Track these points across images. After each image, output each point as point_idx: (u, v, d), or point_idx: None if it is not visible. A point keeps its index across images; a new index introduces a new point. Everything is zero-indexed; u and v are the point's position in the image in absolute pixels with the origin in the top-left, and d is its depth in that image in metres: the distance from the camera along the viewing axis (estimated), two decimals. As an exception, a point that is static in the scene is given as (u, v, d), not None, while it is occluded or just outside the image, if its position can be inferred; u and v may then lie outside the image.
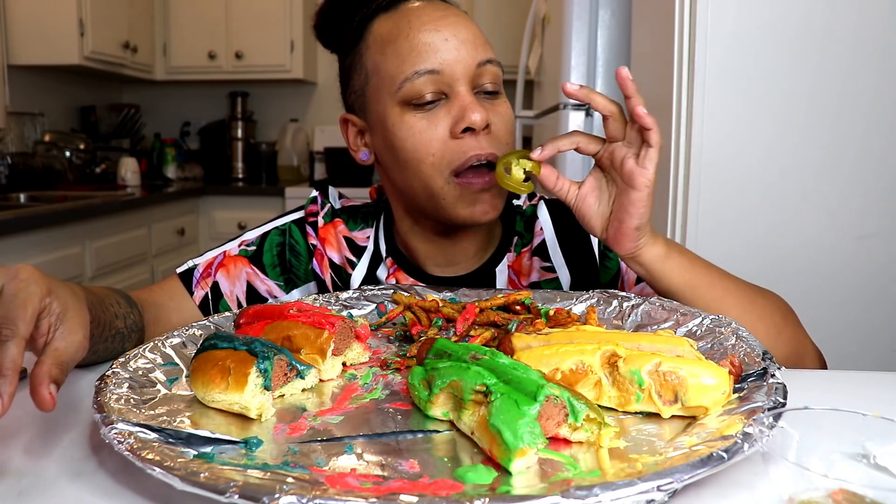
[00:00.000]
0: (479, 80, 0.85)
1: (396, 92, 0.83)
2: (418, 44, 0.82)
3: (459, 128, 0.82)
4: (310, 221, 0.99)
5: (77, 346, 0.58)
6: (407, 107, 0.84)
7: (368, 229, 1.00)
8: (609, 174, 0.77)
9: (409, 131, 0.83)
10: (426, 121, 0.83)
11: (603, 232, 0.78)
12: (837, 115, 1.48)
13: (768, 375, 0.59)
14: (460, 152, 0.83)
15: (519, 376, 0.54)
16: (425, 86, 0.82)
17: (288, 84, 4.26)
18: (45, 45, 3.16)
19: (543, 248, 0.95)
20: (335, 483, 0.46)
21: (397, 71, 0.83)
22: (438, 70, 0.82)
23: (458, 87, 0.83)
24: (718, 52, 1.50)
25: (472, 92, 0.84)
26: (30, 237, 2.38)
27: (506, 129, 0.86)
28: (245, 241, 1.00)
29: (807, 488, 0.42)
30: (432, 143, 0.83)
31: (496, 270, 0.95)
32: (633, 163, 0.74)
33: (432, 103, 0.83)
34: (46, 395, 0.52)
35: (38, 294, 0.56)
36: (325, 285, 0.98)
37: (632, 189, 0.74)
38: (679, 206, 1.57)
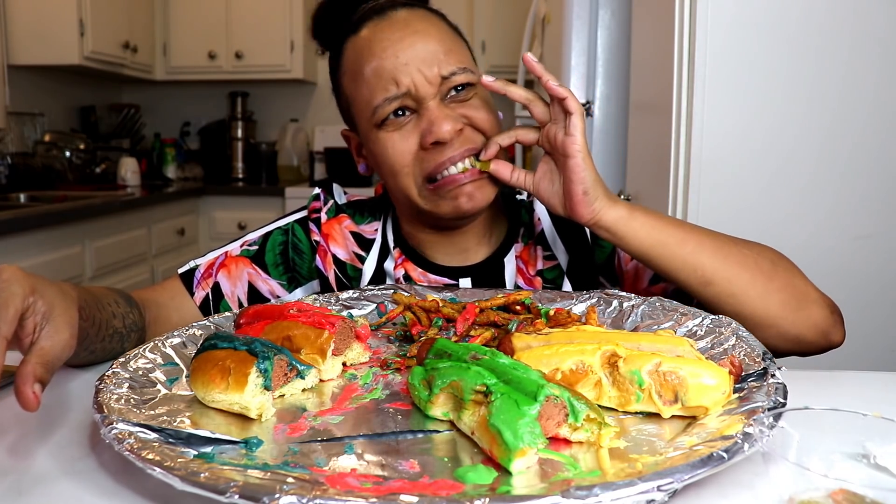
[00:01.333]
0: (448, 87, 0.87)
1: (371, 117, 0.87)
2: (381, 72, 0.85)
3: (428, 141, 0.85)
4: (312, 218, 1.00)
5: (63, 344, 0.58)
6: (381, 126, 0.87)
7: (376, 222, 1.00)
8: (553, 155, 0.83)
9: (384, 147, 0.87)
10: (398, 135, 0.87)
11: (563, 209, 0.82)
12: (836, 115, 1.48)
13: (768, 375, 0.59)
14: (432, 160, 0.86)
15: (519, 376, 0.54)
16: (394, 107, 0.86)
17: (288, 84, 4.26)
18: (45, 45, 3.16)
19: (543, 236, 0.96)
20: (335, 483, 0.46)
21: (368, 99, 0.87)
22: (404, 93, 0.85)
23: (426, 102, 0.85)
24: (718, 52, 1.50)
25: (441, 102, 0.86)
26: (30, 237, 2.38)
27: (484, 120, 0.87)
28: (247, 242, 1.00)
29: (807, 488, 0.42)
30: (405, 155, 0.87)
31: (504, 260, 0.96)
32: (562, 135, 0.79)
33: (403, 118, 0.87)
34: (30, 395, 0.52)
35: (20, 294, 0.56)
36: (328, 282, 0.98)
37: (567, 157, 0.79)
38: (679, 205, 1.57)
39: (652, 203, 1.75)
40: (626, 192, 2.05)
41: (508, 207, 1.00)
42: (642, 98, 1.94)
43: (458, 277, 0.95)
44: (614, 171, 2.29)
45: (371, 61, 0.86)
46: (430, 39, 0.87)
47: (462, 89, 0.87)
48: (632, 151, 2.05)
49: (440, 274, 0.95)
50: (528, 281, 0.95)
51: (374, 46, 0.86)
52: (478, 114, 0.87)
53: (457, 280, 0.95)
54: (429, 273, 0.96)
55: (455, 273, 0.95)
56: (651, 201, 1.77)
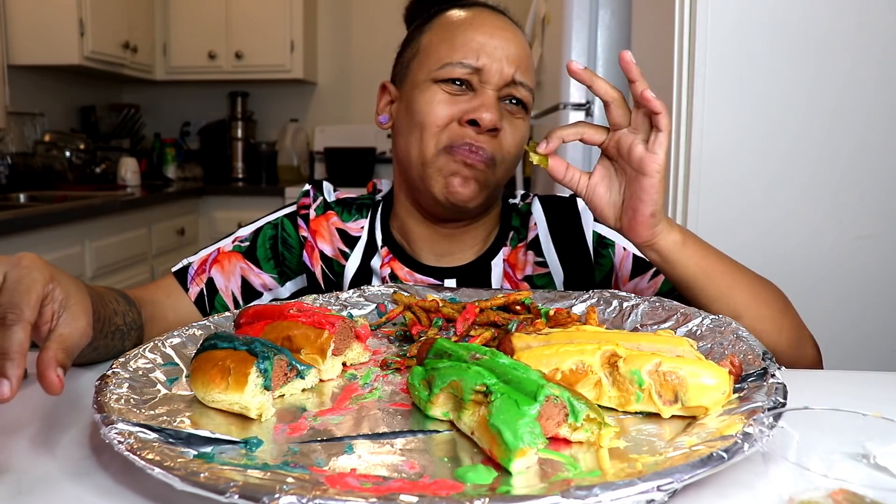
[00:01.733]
0: (509, 92, 0.91)
1: (436, 70, 0.90)
2: (471, 41, 0.90)
3: (468, 117, 0.88)
4: (301, 214, 1.01)
5: (81, 331, 0.59)
6: (437, 83, 0.90)
7: (363, 220, 1.01)
8: (617, 163, 0.77)
9: (430, 100, 0.90)
10: (448, 99, 0.90)
11: (616, 221, 0.77)
12: (837, 115, 1.48)
13: (768, 375, 0.59)
14: (458, 136, 0.88)
15: (519, 376, 0.54)
16: (462, 74, 0.89)
17: (288, 84, 4.26)
18: (45, 45, 3.16)
19: (537, 242, 0.96)
20: (335, 483, 0.46)
21: (445, 55, 0.90)
22: (478, 68, 0.89)
23: (487, 87, 0.89)
24: (718, 52, 1.50)
25: (497, 97, 0.90)
26: (30, 237, 2.38)
27: (514, 141, 0.91)
28: (239, 238, 1.02)
29: (807, 488, 0.42)
30: (442, 117, 0.89)
31: (491, 263, 0.96)
32: (642, 149, 0.73)
33: (461, 88, 0.90)
34: (55, 378, 0.53)
35: (41, 280, 0.57)
36: (314, 278, 0.99)
37: (643, 175, 0.73)
38: (679, 205, 1.57)
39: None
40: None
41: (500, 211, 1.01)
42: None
43: (443, 278, 0.96)
44: (614, 171, 2.29)
45: (468, 29, 0.91)
46: (522, 48, 0.94)
47: (517, 104, 0.92)
48: (632, 151, 2.05)
49: (426, 274, 0.96)
50: (514, 285, 0.95)
51: (476, 20, 0.92)
52: (513, 132, 0.91)
53: (442, 280, 0.95)
54: (415, 273, 0.96)
55: (441, 273, 0.96)
56: (651, 201, 1.77)
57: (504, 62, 0.90)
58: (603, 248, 0.95)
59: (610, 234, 0.96)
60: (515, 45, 0.92)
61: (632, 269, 0.94)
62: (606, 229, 0.97)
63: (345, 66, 4.26)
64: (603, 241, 0.96)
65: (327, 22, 4.26)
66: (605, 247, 0.95)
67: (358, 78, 4.25)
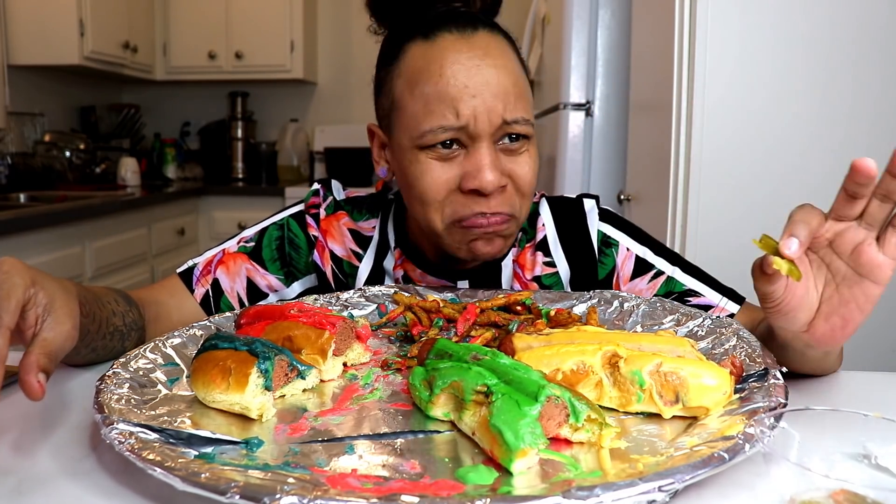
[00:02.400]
0: (505, 132, 0.82)
1: (417, 138, 0.82)
2: (445, 97, 0.80)
3: (468, 185, 0.81)
4: (311, 213, 1.00)
5: (65, 335, 0.58)
6: (424, 150, 0.82)
7: (374, 219, 1.00)
8: (824, 258, 0.61)
9: (422, 173, 0.82)
10: (440, 166, 0.82)
11: (805, 326, 0.61)
12: (837, 114, 1.48)
13: (769, 376, 0.59)
14: (465, 208, 0.82)
15: (520, 377, 0.54)
16: (446, 136, 0.81)
17: (288, 84, 4.26)
18: (45, 45, 3.16)
19: (545, 243, 0.96)
20: (336, 483, 0.46)
21: (421, 118, 0.81)
22: (462, 126, 0.80)
23: (479, 142, 0.81)
24: (718, 52, 1.50)
25: (493, 147, 0.82)
26: (30, 237, 2.38)
27: (526, 179, 0.84)
28: (244, 238, 1.01)
29: (808, 489, 0.42)
30: (440, 190, 0.82)
31: (501, 264, 0.96)
32: (874, 251, 0.58)
33: (451, 150, 0.82)
34: (35, 384, 0.52)
35: (21, 285, 0.56)
36: (325, 277, 0.99)
37: (869, 282, 0.59)
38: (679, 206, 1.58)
39: (652, 203, 1.75)
40: (626, 192, 2.05)
41: None
42: (642, 98, 1.94)
43: (456, 280, 0.95)
44: (614, 171, 2.30)
45: (438, 81, 0.80)
46: (507, 77, 0.81)
47: (516, 139, 0.83)
48: (632, 151, 2.05)
49: (439, 275, 0.95)
50: (523, 285, 0.95)
51: (444, 65, 0.80)
52: (524, 173, 0.83)
53: (454, 282, 0.95)
54: (428, 275, 0.96)
55: (454, 275, 0.96)
56: (651, 201, 1.77)
57: (489, 104, 0.79)
58: (607, 248, 0.95)
59: (615, 233, 0.96)
60: (496, 74, 0.80)
61: (633, 270, 0.94)
62: (612, 229, 0.96)
63: (345, 66, 4.26)
64: (607, 240, 0.96)
65: (327, 22, 4.26)
66: (608, 246, 0.95)
67: (358, 78, 4.25)
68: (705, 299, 0.90)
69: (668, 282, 0.92)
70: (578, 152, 2.31)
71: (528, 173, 0.84)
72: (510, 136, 0.82)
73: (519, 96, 0.82)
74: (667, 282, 0.92)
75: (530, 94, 0.86)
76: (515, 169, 0.83)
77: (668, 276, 0.92)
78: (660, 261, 0.94)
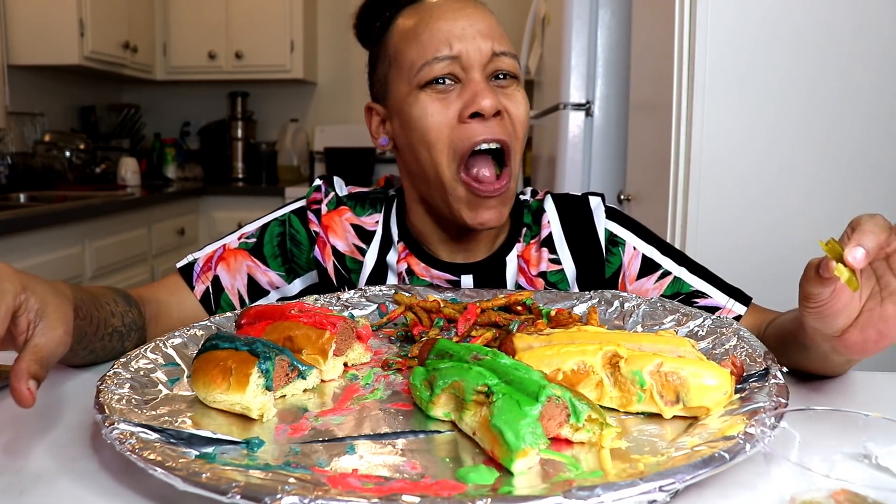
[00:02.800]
0: (495, 68, 0.87)
1: (415, 76, 0.87)
2: (437, 32, 0.86)
3: (468, 111, 0.85)
4: (313, 209, 1.00)
5: (57, 341, 0.58)
6: (423, 89, 0.87)
7: (377, 214, 1.00)
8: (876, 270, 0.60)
9: (423, 111, 0.86)
10: (439, 102, 0.86)
11: (839, 332, 0.61)
12: (837, 115, 1.48)
13: (770, 376, 0.59)
14: (466, 138, 0.85)
15: (520, 377, 0.54)
16: (442, 69, 0.86)
17: (288, 84, 4.26)
18: (45, 45, 3.16)
19: (550, 240, 0.96)
20: (337, 483, 0.46)
21: (417, 57, 0.87)
22: (455, 56, 0.86)
23: (472, 73, 0.86)
24: (718, 52, 1.50)
25: (486, 79, 0.87)
26: (30, 237, 2.38)
27: (519, 116, 0.88)
28: (245, 234, 1.00)
29: (808, 489, 0.42)
30: (442, 126, 0.86)
31: (506, 259, 0.96)
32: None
33: (447, 85, 0.86)
34: (25, 391, 0.52)
35: (11, 291, 0.56)
36: (326, 274, 0.98)
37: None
38: (679, 206, 1.58)
39: (652, 203, 1.75)
40: (626, 192, 2.05)
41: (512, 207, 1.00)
42: (642, 98, 1.94)
43: (460, 274, 0.95)
44: (614, 171, 2.30)
45: (428, 21, 0.87)
46: (488, 17, 0.89)
47: (505, 77, 0.88)
48: (632, 151, 2.05)
49: (443, 269, 0.95)
50: (529, 281, 0.95)
51: (433, 11, 0.88)
52: (515, 107, 0.88)
53: (459, 276, 0.95)
54: (432, 268, 0.95)
55: (458, 269, 0.95)
56: (651, 201, 1.78)
57: (478, 39, 0.86)
58: (614, 246, 0.95)
59: (622, 232, 0.96)
60: (482, 18, 0.89)
61: (640, 269, 0.94)
62: (619, 227, 0.96)
63: (345, 66, 4.26)
64: (614, 238, 0.96)
65: (327, 22, 4.26)
66: (615, 245, 0.95)
67: (358, 78, 4.24)
68: (712, 301, 0.90)
69: (675, 282, 0.92)
70: (578, 152, 2.31)
71: (520, 110, 0.89)
72: (500, 74, 0.88)
73: (504, 35, 0.89)
74: (673, 282, 0.92)
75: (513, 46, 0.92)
76: (509, 104, 0.87)
77: (674, 277, 0.92)
78: (666, 260, 0.94)
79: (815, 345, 0.65)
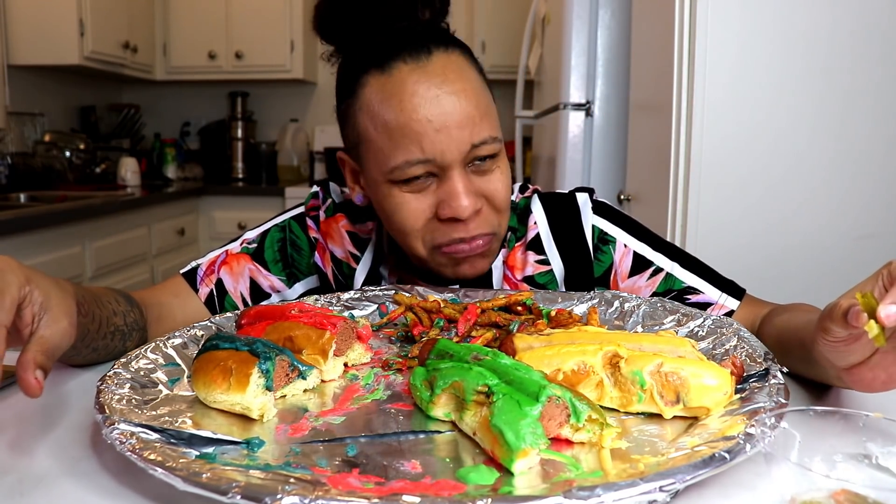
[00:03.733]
0: (473, 157, 0.82)
1: (388, 173, 0.82)
2: (410, 133, 0.79)
3: (445, 214, 0.82)
4: (311, 216, 1.01)
5: (62, 333, 0.58)
6: (396, 184, 0.83)
7: (372, 221, 1.00)
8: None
9: (397, 206, 0.84)
10: (414, 199, 0.83)
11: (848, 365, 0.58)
12: (837, 115, 1.48)
13: (770, 376, 0.59)
14: (444, 235, 0.84)
15: (521, 377, 0.54)
16: (416, 171, 0.81)
17: (288, 84, 4.26)
18: (45, 45, 3.16)
19: (537, 241, 0.95)
20: (337, 483, 0.46)
21: (388, 153, 0.81)
22: (430, 159, 0.80)
23: (450, 171, 0.81)
24: (718, 52, 1.50)
25: (464, 171, 0.82)
26: (30, 237, 2.38)
27: (499, 199, 0.85)
28: (246, 240, 1.02)
29: (809, 489, 0.42)
30: (418, 219, 0.84)
31: (492, 267, 0.95)
32: None
33: (422, 182, 0.83)
34: (32, 381, 0.53)
35: (15, 283, 0.56)
36: (326, 278, 0.99)
37: None
38: (679, 205, 1.58)
39: (652, 203, 1.75)
40: (626, 192, 2.05)
41: None
42: (642, 98, 1.94)
43: (447, 285, 0.95)
44: (614, 171, 2.30)
45: (399, 116, 0.79)
46: (467, 101, 0.81)
47: (486, 159, 0.83)
48: (632, 151, 2.05)
49: (431, 282, 0.95)
50: (513, 286, 0.94)
51: (404, 99, 0.79)
52: (498, 191, 0.84)
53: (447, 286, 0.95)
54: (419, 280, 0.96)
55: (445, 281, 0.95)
56: (651, 201, 1.78)
57: (454, 134, 0.79)
58: (604, 245, 0.95)
59: (612, 229, 0.95)
60: (456, 101, 0.80)
61: (631, 267, 0.93)
62: (609, 224, 0.95)
63: (345, 66, 4.26)
64: (604, 236, 0.95)
65: (327, 22, 4.26)
66: (606, 243, 0.95)
67: (358, 78, 4.25)
68: (704, 296, 0.90)
69: (668, 279, 0.92)
70: (578, 152, 2.30)
71: (501, 190, 0.85)
72: (479, 158, 0.83)
73: (483, 116, 0.82)
74: (666, 279, 0.92)
75: (493, 108, 0.86)
76: (488, 188, 0.84)
77: (667, 273, 0.92)
78: (658, 256, 0.93)
79: (821, 367, 0.64)
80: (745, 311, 0.88)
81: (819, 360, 0.62)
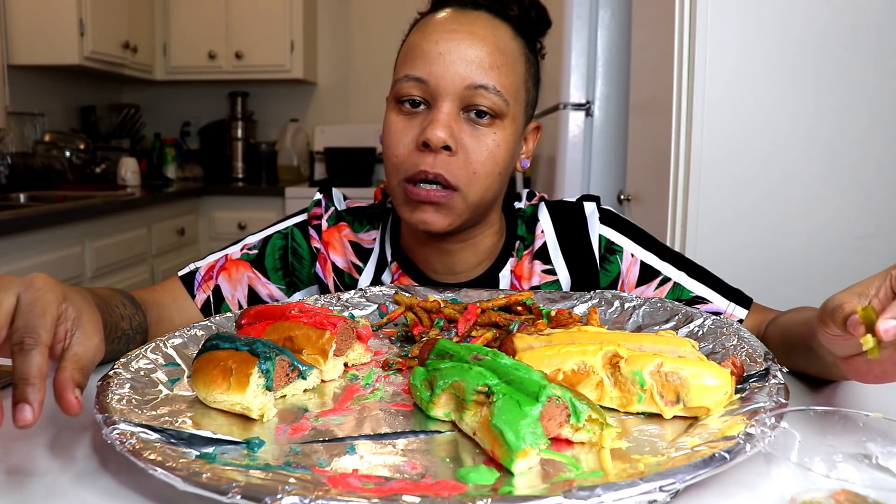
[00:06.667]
0: (470, 102, 0.82)
1: (392, 86, 0.86)
2: (416, 50, 0.84)
3: (419, 138, 0.82)
4: (313, 224, 0.99)
5: (95, 349, 0.58)
6: (395, 104, 0.85)
7: (374, 231, 1.00)
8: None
9: (389, 129, 0.85)
10: (403, 124, 0.84)
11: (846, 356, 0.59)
12: (837, 115, 1.48)
13: (770, 376, 0.59)
14: (413, 164, 0.83)
15: (521, 377, 0.54)
16: (411, 89, 0.83)
17: (288, 84, 4.26)
18: (45, 45, 3.16)
19: (544, 250, 0.94)
20: (337, 484, 0.46)
21: (398, 69, 0.86)
22: (424, 79, 0.82)
23: (441, 101, 0.81)
24: (718, 52, 1.50)
25: (457, 110, 0.82)
26: (30, 237, 2.38)
27: (480, 158, 0.82)
28: (247, 245, 1.00)
29: (809, 489, 0.42)
30: (399, 146, 0.84)
31: (499, 276, 0.95)
32: None
33: (414, 108, 0.83)
34: (73, 400, 0.52)
35: (55, 302, 0.56)
36: (327, 289, 0.99)
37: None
38: (679, 205, 1.58)
39: (652, 203, 1.75)
40: (626, 192, 2.05)
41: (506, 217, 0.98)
42: (642, 98, 1.94)
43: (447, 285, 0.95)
44: (614, 171, 2.30)
45: (419, 37, 0.85)
46: (484, 46, 0.82)
47: (485, 116, 0.82)
48: (632, 151, 2.05)
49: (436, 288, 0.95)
50: None
51: (429, 25, 0.85)
52: (478, 150, 0.82)
53: None
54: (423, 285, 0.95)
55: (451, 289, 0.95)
56: (651, 201, 1.78)
57: (457, 65, 0.80)
58: (611, 254, 0.94)
59: (619, 239, 0.94)
60: (475, 44, 0.81)
61: (639, 276, 0.93)
62: (615, 233, 0.94)
63: (345, 66, 4.26)
64: (611, 246, 0.94)
65: (327, 22, 4.26)
66: (612, 252, 0.94)
67: (358, 78, 4.25)
68: (713, 306, 0.89)
69: (675, 288, 0.91)
70: (578, 152, 2.30)
71: (483, 153, 0.82)
72: (478, 110, 0.82)
73: (494, 67, 0.82)
74: (673, 288, 0.91)
75: (520, 75, 0.86)
76: (470, 143, 0.82)
77: (674, 283, 0.91)
78: (665, 266, 0.92)
79: (821, 357, 0.65)
80: (752, 319, 0.88)
81: (818, 348, 0.63)
